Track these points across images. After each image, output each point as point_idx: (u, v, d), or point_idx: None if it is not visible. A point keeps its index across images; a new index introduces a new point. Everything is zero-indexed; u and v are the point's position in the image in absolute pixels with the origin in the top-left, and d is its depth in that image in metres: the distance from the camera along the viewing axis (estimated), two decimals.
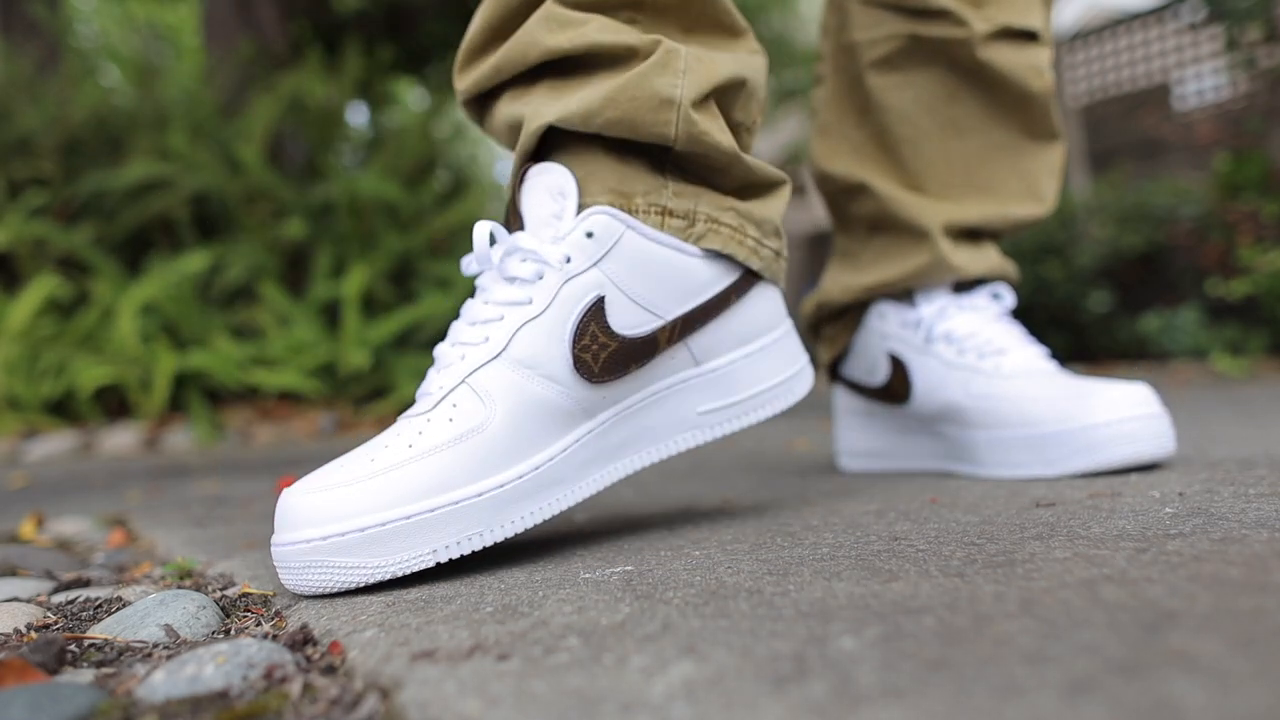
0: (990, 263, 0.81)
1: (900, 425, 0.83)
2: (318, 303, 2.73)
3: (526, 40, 0.55)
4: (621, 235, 0.53)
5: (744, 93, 0.58)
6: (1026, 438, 0.70)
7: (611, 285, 0.53)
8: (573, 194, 0.54)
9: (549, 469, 0.51)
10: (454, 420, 0.49)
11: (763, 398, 0.60)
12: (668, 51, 0.54)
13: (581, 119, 0.53)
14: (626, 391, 0.55)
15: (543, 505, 0.51)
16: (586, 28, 0.54)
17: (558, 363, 0.51)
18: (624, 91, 0.53)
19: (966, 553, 0.43)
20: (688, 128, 0.53)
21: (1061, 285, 3.30)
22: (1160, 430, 0.67)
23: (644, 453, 0.56)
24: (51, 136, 2.77)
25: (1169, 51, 3.82)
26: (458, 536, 0.47)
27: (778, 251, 0.60)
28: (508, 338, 0.51)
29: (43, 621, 0.47)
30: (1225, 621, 0.29)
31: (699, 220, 0.56)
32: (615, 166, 0.55)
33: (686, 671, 0.29)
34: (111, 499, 1.16)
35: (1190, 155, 3.51)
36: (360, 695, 0.32)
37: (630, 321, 0.54)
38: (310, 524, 0.45)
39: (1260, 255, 2.64)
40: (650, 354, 0.55)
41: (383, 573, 0.45)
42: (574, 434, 0.53)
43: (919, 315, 0.79)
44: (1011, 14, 0.77)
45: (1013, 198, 0.82)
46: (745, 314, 0.59)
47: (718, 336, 0.58)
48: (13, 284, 2.67)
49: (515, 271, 0.53)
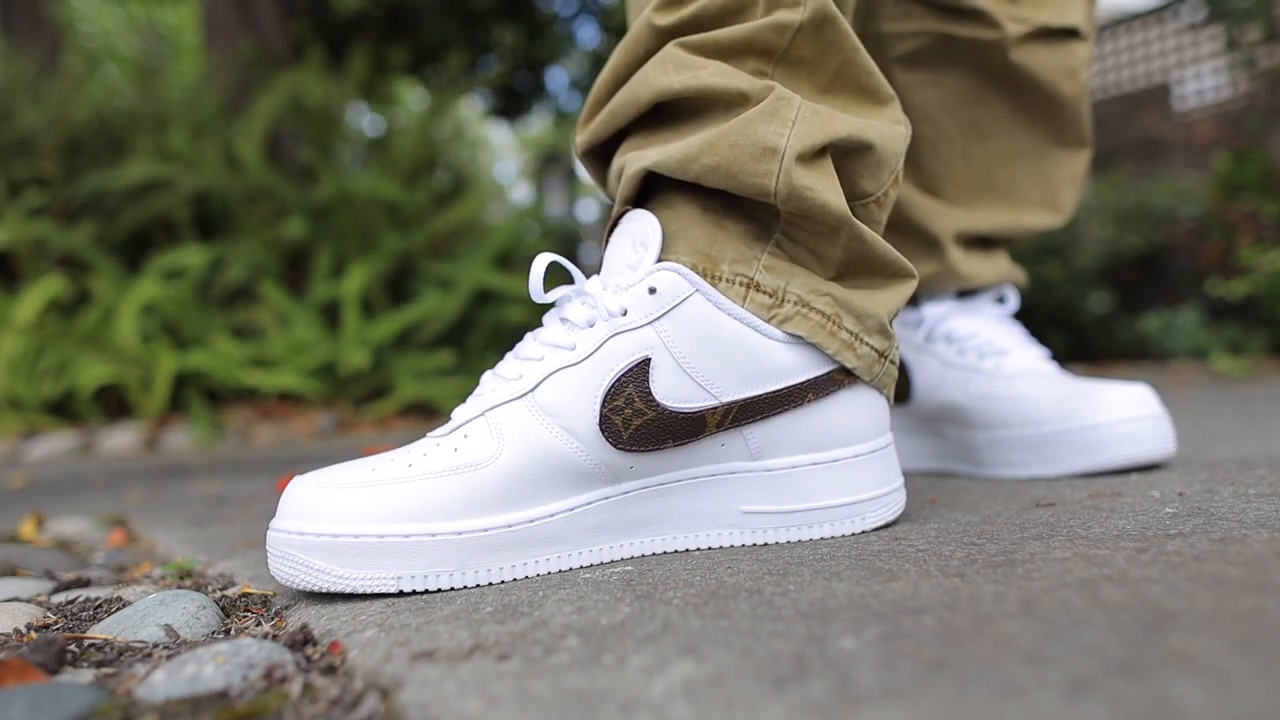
0: (999, 270, 0.80)
1: (900, 425, 0.83)
2: (318, 303, 2.73)
3: (641, 80, 0.52)
4: (688, 297, 0.49)
5: (871, 159, 0.52)
6: (1027, 438, 0.70)
7: (663, 348, 0.49)
8: (654, 246, 0.50)
9: (545, 525, 0.47)
10: (459, 450, 0.47)
11: (821, 515, 0.52)
12: (779, 98, 0.49)
13: (679, 164, 0.50)
14: (661, 467, 0.50)
15: (528, 561, 0.47)
16: (703, 71, 0.50)
17: (584, 418, 0.48)
18: (726, 136, 0.49)
19: (966, 553, 0.43)
20: (789, 181, 0.48)
21: (1061, 285, 3.30)
22: (1161, 431, 0.67)
23: (668, 538, 0.51)
24: (52, 136, 2.77)
25: (1169, 51, 3.82)
26: (425, 570, 0.45)
27: (882, 353, 0.53)
28: (539, 380, 0.49)
29: (43, 621, 0.47)
30: (1225, 621, 0.29)
31: (787, 301, 0.51)
32: (710, 229, 0.51)
33: (686, 671, 0.29)
34: (111, 499, 1.16)
35: (1190, 155, 3.51)
36: (360, 695, 0.32)
37: (677, 393, 0.49)
38: (296, 516, 0.45)
39: (1260, 255, 2.64)
40: (693, 434, 0.50)
41: (345, 584, 0.45)
42: (586, 495, 0.49)
43: (920, 315, 0.79)
44: (1050, 12, 0.74)
45: (1029, 205, 0.80)
46: (825, 416, 0.52)
47: (783, 434, 0.51)
48: (13, 284, 2.67)
49: (570, 315, 0.50)
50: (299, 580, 0.45)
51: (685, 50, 0.51)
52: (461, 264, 2.93)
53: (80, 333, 2.49)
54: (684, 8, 0.52)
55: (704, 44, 0.51)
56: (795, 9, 0.50)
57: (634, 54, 0.54)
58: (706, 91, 0.50)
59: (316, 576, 0.45)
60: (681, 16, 0.52)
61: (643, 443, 0.49)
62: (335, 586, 0.45)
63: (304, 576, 0.45)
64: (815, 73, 0.52)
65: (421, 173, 3.29)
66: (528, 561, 0.47)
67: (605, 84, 0.55)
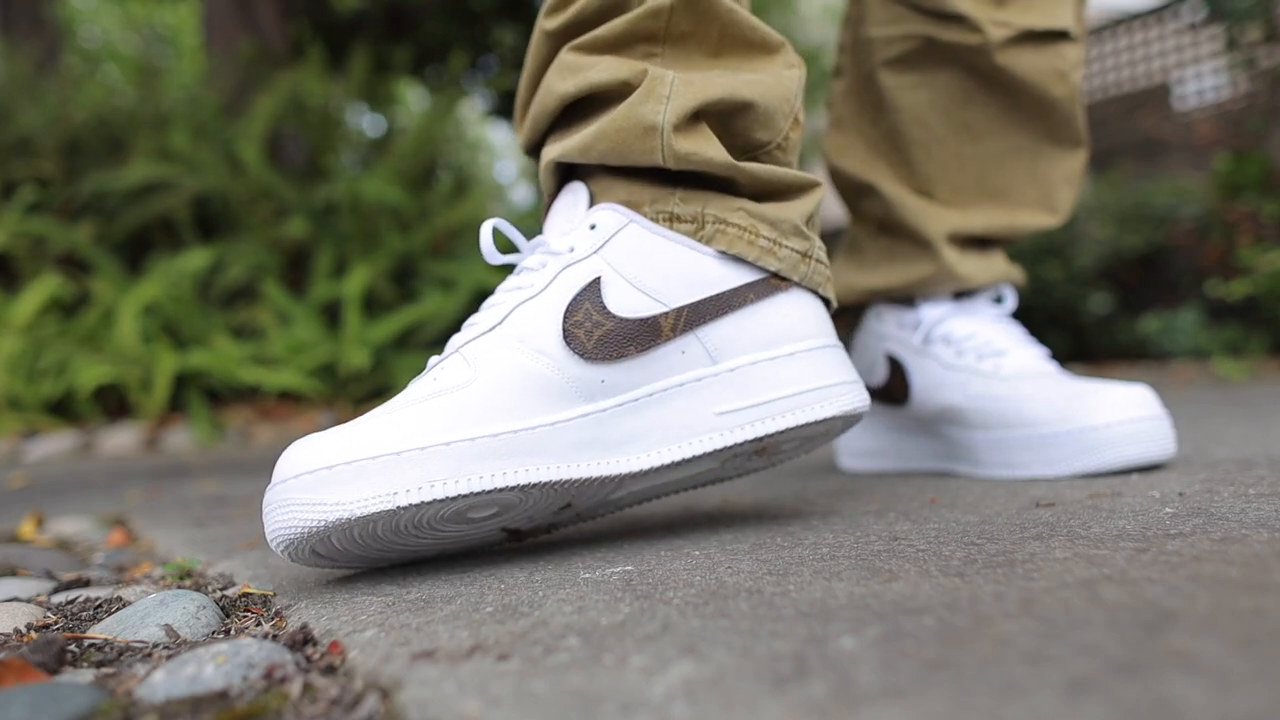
0: (997, 270, 0.80)
1: (900, 425, 0.83)
2: (318, 302, 2.73)
3: (545, 90, 0.58)
4: (624, 226, 0.55)
5: (757, 112, 0.57)
6: (1026, 438, 0.70)
7: (610, 269, 0.54)
8: (585, 202, 0.56)
9: (527, 436, 0.49)
10: (436, 380, 0.51)
11: (790, 402, 0.55)
12: (653, 79, 0.54)
13: (580, 152, 0.56)
14: (630, 381, 0.53)
15: (515, 469, 0.48)
16: (591, 71, 0.56)
17: (549, 337, 0.52)
18: (612, 124, 0.55)
19: (966, 553, 0.43)
20: (673, 150, 0.54)
21: (1061, 286, 3.30)
22: (1161, 432, 0.67)
23: (656, 451, 0.53)
24: (52, 137, 2.77)
25: (1169, 51, 3.82)
26: (419, 481, 0.46)
27: (804, 253, 0.57)
28: (504, 315, 0.53)
29: (43, 621, 0.47)
30: (1225, 621, 0.29)
31: (707, 222, 0.56)
32: (626, 184, 0.57)
33: (686, 671, 0.29)
34: (111, 499, 1.16)
35: (1190, 155, 3.51)
36: (360, 695, 0.32)
37: (629, 304, 0.53)
38: (290, 466, 0.46)
39: (1260, 255, 2.64)
40: (651, 339, 0.53)
41: (341, 510, 0.44)
42: (564, 413, 0.51)
43: (918, 317, 0.79)
44: (1035, 15, 0.74)
45: (1024, 206, 0.80)
46: (770, 316, 0.56)
47: (736, 333, 0.55)
48: (12, 284, 2.67)
49: (526, 264, 0.56)
50: (296, 524, 0.44)
51: (577, 53, 0.57)
52: (462, 264, 2.93)
53: (80, 333, 2.49)
54: (566, 10, 0.58)
55: (593, 42, 0.57)
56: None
57: (536, 59, 0.60)
58: (596, 88, 0.56)
59: (312, 512, 0.44)
60: (567, 19, 0.57)
61: (606, 352, 0.52)
62: (331, 515, 0.44)
63: (300, 517, 0.44)
64: (701, 42, 0.58)
65: (423, 175, 3.29)
66: (516, 469, 0.48)
67: (523, 91, 0.62)
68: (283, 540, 0.46)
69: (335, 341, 2.63)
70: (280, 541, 0.46)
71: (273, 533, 0.46)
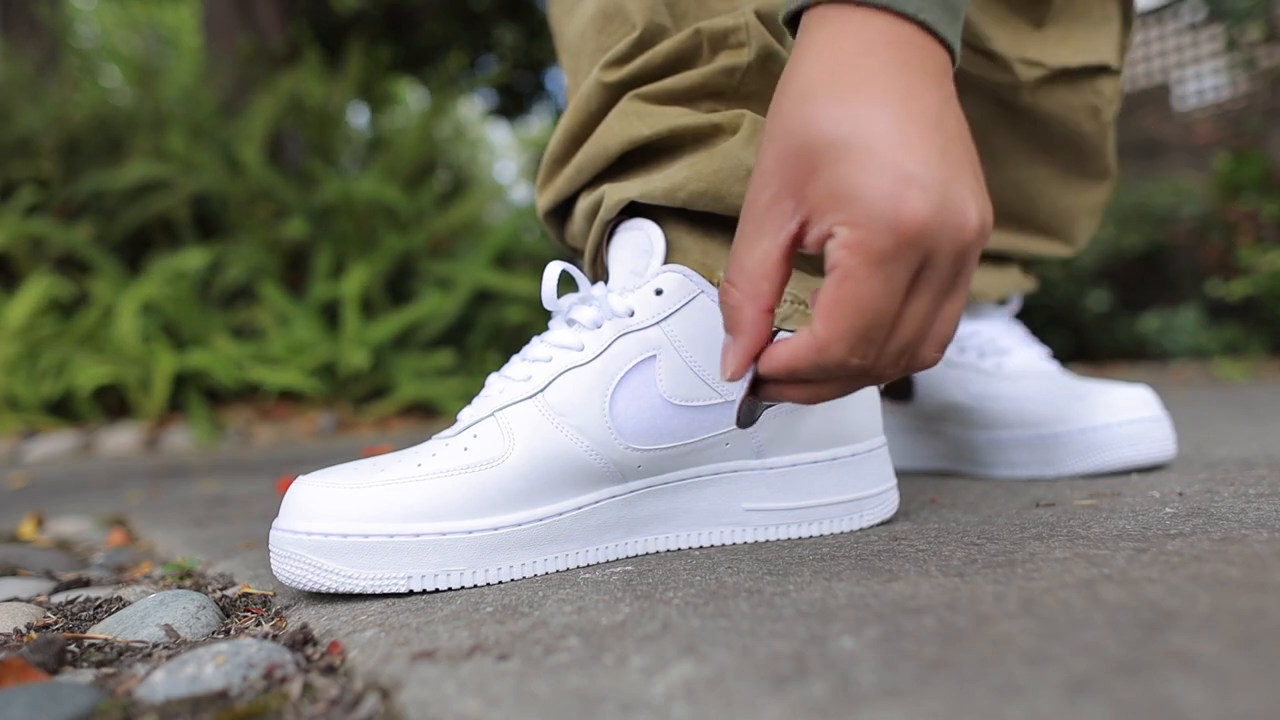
0: (1009, 283, 0.79)
1: (901, 424, 0.83)
2: (318, 303, 2.73)
3: (606, 135, 0.54)
4: (694, 298, 0.51)
5: None
6: (1027, 438, 0.70)
7: (669, 346, 0.50)
8: (659, 252, 0.52)
9: (554, 524, 0.48)
10: (469, 450, 0.48)
11: (821, 512, 0.53)
12: (754, 121, 0.52)
13: (665, 193, 0.51)
14: (666, 465, 0.51)
15: (535, 560, 0.47)
16: (667, 115, 0.53)
17: (592, 415, 0.49)
18: (709, 164, 0.51)
19: (966, 553, 0.43)
20: None
21: (1061, 285, 3.30)
22: (1161, 433, 0.67)
23: (672, 535, 0.51)
24: (51, 136, 2.77)
25: (1169, 51, 3.82)
26: (435, 569, 0.45)
27: None
28: (548, 380, 0.49)
29: (43, 621, 0.47)
30: (1225, 621, 0.29)
31: (784, 301, 0.51)
32: (700, 241, 0.53)
33: (686, 671, 0.29)
34: (111, 499, 1.16)
35: (1190, 155, 3.51)
36: (360, 695, 0.32)
37: (682, 391, 0.50)
38: (303, 516, 0.45)
39: (1260, 255, 2.65)
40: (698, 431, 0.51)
41: (354, 584, 0.45)
42: (595, 494, 0.49)
43: None
44: (1071, 49, 0.70)
45: (1041, 234, 0.78)
46: (825, 415, 0.53)
47: (785, 431, 0.52)
48: (11, 284, 2.67)
49: (578, 317, 0.51)
50: (305, 580, 0.45)
51: (643, 101, 0.53)
52: (461, 264, 2.93)
53: (80, 333, 2.49)
54: (630, 63, 0.54)
55: (659, 93, 0.53)
56: (741, 50, 0.52)
57: (586, 112, 0.55)
58: (679, 131, 0.52)
59: (324, 577, 0.45)
60: (630, 71, 0.54)
61: (649, 439, 0.49)
62: (344, 587, 0.45)
63: (311, 577, 0.45)
64: (764, 104, 0.55)
65: (422, 174, 3.29)
66: (535, 560, 0.47)
67: (562, 144, 0.57)
68: (292, 584, 0.46)
69: (334, 342, 2.63)
70: (288, 583, 0.46)
71: (280, 574, 0.46)
